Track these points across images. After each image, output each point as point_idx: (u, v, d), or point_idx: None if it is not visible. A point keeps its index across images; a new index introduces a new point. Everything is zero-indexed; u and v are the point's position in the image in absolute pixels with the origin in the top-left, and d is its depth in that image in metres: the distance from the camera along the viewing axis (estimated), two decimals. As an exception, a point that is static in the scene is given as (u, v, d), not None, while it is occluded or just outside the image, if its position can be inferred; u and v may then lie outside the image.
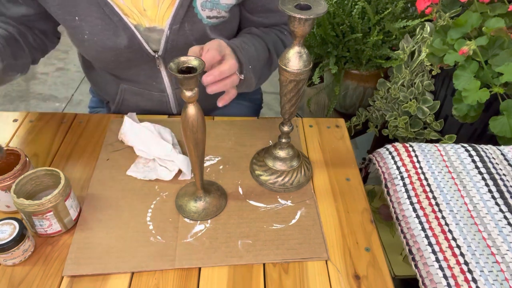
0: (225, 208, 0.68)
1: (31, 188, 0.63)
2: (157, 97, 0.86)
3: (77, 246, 0.62)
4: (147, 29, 0.75)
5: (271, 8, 0.81)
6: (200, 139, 0.58)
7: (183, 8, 0.72)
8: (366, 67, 1.16)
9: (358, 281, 0.60)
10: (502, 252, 0.59)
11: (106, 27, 0.72)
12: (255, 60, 0.74)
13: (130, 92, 0.86)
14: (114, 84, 0.87)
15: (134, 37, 0.74)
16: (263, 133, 0.83)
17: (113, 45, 0.74)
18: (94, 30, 0.72)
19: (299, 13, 0.53)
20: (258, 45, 0.77)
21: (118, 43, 0.73)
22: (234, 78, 0.64)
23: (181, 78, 0.50)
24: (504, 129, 0.80)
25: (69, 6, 0.70)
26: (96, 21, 0.71)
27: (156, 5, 0.72)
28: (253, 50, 0.74)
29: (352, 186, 0.74)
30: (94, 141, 0.79)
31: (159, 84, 0.84)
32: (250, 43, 0.75)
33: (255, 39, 0.78)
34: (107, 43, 0.73)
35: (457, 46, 0.85)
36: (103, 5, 0.70)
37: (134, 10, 0.72)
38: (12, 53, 0.72)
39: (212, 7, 0.74)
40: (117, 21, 0.71)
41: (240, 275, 0.60)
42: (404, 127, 1.05)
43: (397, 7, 1.09)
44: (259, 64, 0.76)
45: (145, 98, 0.87)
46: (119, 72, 0.83)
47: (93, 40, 0.73)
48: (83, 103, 1.97)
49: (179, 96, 0.86)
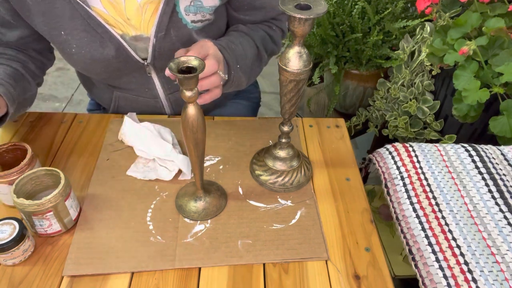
0: (225, 208, 0.68)
1: (31, 188, 0.63)
2: (151, 103, 0.86)
3: (77, 246, 0.62)
4: (133, 37, 0.74)
5: (256, 5, 0.80)
6: (200, 139, 0.58)
7: (167, 14, 0.71)
8: (366, 67, 1.16)
9: (358, 281, 0.60)
10: (502, 252, 0.59)
11: (92, 39, 0.71)
12: (243, 58, 0.74)
13: (124, 99, 0.86)
14: (108, 91, 0.87)
15: (121, 46, 0.73)
16: (263, 133, 0.83)
17: (101, 56, 0.73)
18: (80, 43, 0.72)
19: (299, 13, 0.53)
20: (246, 43, 0.77)
21: (106, 54, 0.73)
22: (213, 79, 0.64)
23: (181, 78, 0.50)
24: (504, 129, 0.80)
25: (54, 22, 0.70)
26: (82, 34, 0.71)
27: (139, 14, 0.71)
28: (240, 48, 0.74)
29: (352, 186, 0.74)
30: (94, 141, 0.79)
31: (152, 90, 0.83)
32: (237, 42, 0.75)
33: (242, 37, 0.78)
34: (95, 55, 0.73)
35: (457, 46, 0.85)
36: (86, 18, 0.69)
37: (119, 20, 0.72)
38: (22, 90, 0.73)
39: (196, 11, 0.74)
40: (103, 32, 0.71)
41: (240, 275, 0.60)
42: (404, 127, 1.05)
43: (397, 7, 1.09)
44: (248, 62, 0.76)
45: (139, 104, 0.87)
46: (111, 81, 0.83)
47: (81, 53, 0.73)
48: (83, 103, 1.97)
49: (172, 101, 0.87)
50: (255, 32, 0.81)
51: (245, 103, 1.04)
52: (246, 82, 0.77)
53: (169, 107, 0.88)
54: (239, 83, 0.74)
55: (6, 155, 0.67)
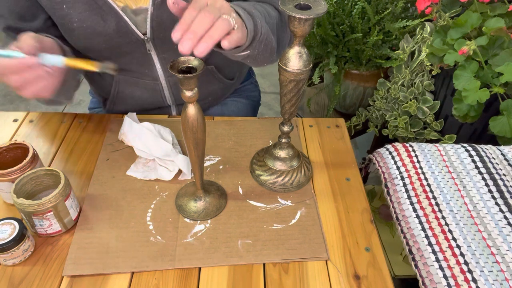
0: (225, 208, 0.68)
1: (31, 188, 0.63)
2: (151, 85, 0.86)
3: (77, 246, 0.62)
4: (133, 11, 0.75)
5: None
6: (200, 139, 0.58)
7: None
8: (366, 67, 1.16)
9: (358, 281, 0.60)
10: (502, 252, 0.59)
11: (93, 11, 0.72)
12: (265, 14, 0.65)
13: (125, 82, 0.86)
14: (108, 76, 0.87)
15: (122, 20, 0.74)
16: (263, 133, 0.83)
17: (102, 30, 0.74)
18: (82, 16, 0.72)
19: (299, 13, 0.53)
20: (264, 5, 0.71)
21: (107, 28, 0.74)
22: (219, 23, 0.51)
23: (181, 78, 0.50)
24: (504, 129, 0.80)
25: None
26: (84, 7, 0.72)
27: None
28: (259, 6, 0.67)
29: (352, 186, 0.74)
30: (94, 141, 0.79)
31: (152, 71, 0.84)
32: (252, 2, 0.68)
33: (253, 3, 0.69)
34: (96, 29, 0.74)
35: (457, 46, 0.85)
36: None
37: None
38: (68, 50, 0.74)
39: None
40: (103, 4, 0.72)
41: (240, 275, 0.60)
42: (404, 127, 1.05)
43: (397, 7, 1.09)
44: (271, 21, 0.68)
45: (139, 87, 0.87)
46: (112, 61, 0.83)
47: (82, 28, 0.73)
48: (83, 103, 1.97)
49: (172, 83, 0.87)
50: (266, 1, 0.75)
51: (245, 102, 1.04)
52: (275, 45, 0.69)
53: (169, 90, 0.88)
54: (268, 40, 0.65)
55: (6, 154, 0.67)
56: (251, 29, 0.59)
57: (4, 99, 2.03)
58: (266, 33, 0.65)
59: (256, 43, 0.63)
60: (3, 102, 2.02)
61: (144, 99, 0.89)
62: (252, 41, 0.62)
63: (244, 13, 0.59)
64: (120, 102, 0.90)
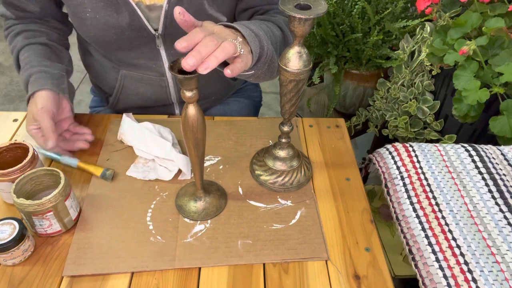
0: (225, 208, 0.68)
1: (31, 188, 0.63)
2: (156, 81, 0.86)
3: (77, 246, 0.62)
4: (148, 6, 0.75)
5: None
6: (200, 139, 0.58)
7: None
8: (366, 67, 1.16)
9: (358, 281, 0.60)
10: (502, 252, 0.59)
11: (108, 3, 0.72)
12: (270, 35, 0.67)
13: (130, 78, 0.86)
14: (113, 71, 0.87)
15: (135, 14, 0.74)
16: (263, 133, 0.83)
17: (115, 22, 0.74)
18: (96, 7, 0.73)
19: (299, 13, 0.53)
20: (268, 25, 0.72)
21: (120, 20, 0.74)
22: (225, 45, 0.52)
23: (181, 78, 0.50)
24: (504, 129, 0.80)
25: None
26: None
27: None
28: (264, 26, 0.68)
29: (352, 186, 0.74)
30: (94, 141, 0.79)
31: (159, 67, 0.84)
32: (258, 23, 0.69)
33: (262, 22, 0.72)
34: (109, 20, 0.74)
35: (457, 46, 0.85)
36: None
37: None
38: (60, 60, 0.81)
39: None
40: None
41: (240, 275, 0.60)
42: (404, 127, 1.05)
43: (397, 7, 1.09)
44: (276, 40, 0.70)
45: (144, 83, 0.87)
46: (120, 55, 0.83)
47: (95, 18, 0.74)
48: (83, 103, 1.97)
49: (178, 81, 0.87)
50: (270, 20, 0.77)
51: (247, 102, 1.04)
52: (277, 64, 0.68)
53: (174, 87, 0.88)
54: (272, 60, 0.66)
55: (6, 154, 0.67)
56: (257, 51, 0.60)
57: (4, 99, 2.03)
58: (271, 54, 0.66)
59: (260, 64, 0.64)
60: (3, 102, 2.02)
61: (148, 96, 0.88)
62: (258, 62, 0.63)
63: (250, 35, 0.60)
64: (124, 98, 0.90)
